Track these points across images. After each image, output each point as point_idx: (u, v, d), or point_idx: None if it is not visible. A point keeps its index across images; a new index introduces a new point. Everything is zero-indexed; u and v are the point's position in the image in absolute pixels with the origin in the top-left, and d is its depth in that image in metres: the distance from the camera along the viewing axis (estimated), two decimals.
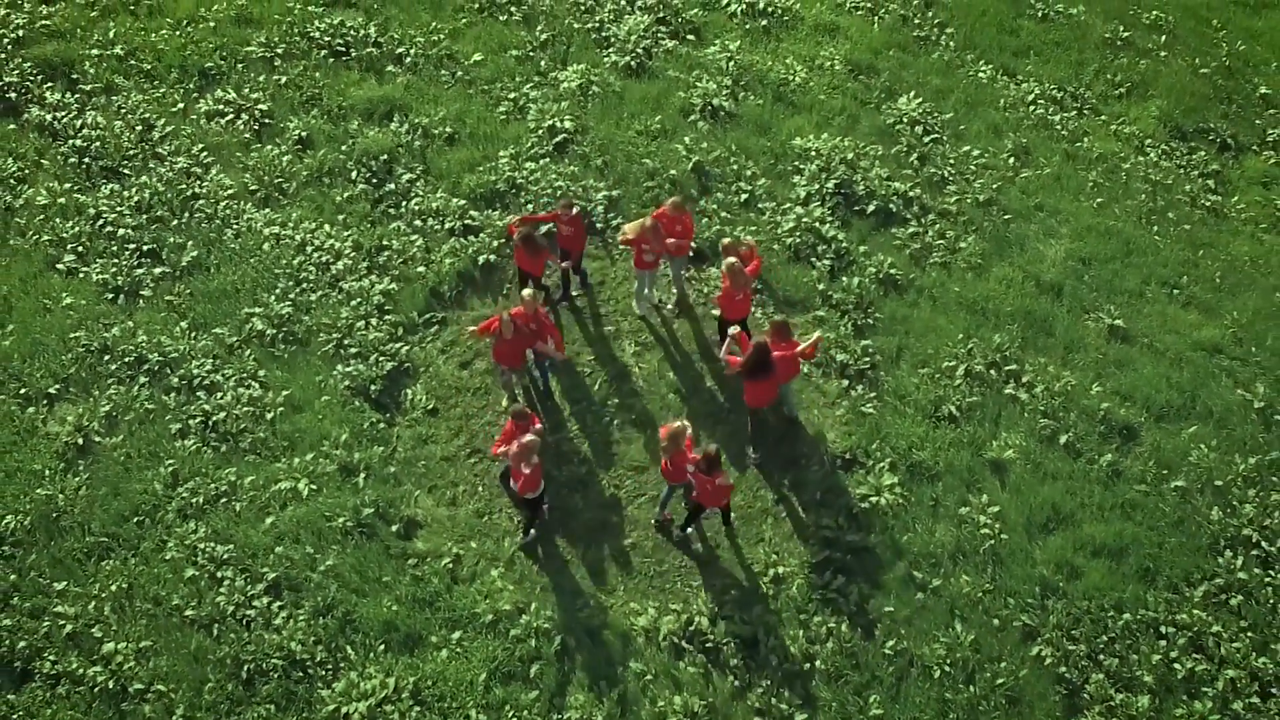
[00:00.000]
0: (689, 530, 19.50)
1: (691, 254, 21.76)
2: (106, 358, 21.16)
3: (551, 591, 19.23)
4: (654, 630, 18.84)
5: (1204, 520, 19.69)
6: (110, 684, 18.22)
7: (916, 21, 25.96)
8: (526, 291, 19.39)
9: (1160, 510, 19.78)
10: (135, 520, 19.59)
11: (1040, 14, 26.25)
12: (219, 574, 19.12)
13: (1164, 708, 18.15)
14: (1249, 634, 18.67)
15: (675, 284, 21.67)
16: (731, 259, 19.90)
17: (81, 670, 18.32)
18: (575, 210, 20.42)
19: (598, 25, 25.61)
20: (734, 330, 19.50)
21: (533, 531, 19.59)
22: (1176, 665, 18.44)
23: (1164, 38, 25.97)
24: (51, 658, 18.42)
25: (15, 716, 17.96)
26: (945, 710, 18.14)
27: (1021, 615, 18.85)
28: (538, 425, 18.80)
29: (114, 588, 18.97)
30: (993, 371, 21.17)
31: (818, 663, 18.52)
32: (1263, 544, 19.44)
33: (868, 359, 21.26)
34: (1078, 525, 19.63)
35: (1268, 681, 18.32)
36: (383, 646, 18.60)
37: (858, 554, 19.45)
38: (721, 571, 19.33)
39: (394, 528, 19.65)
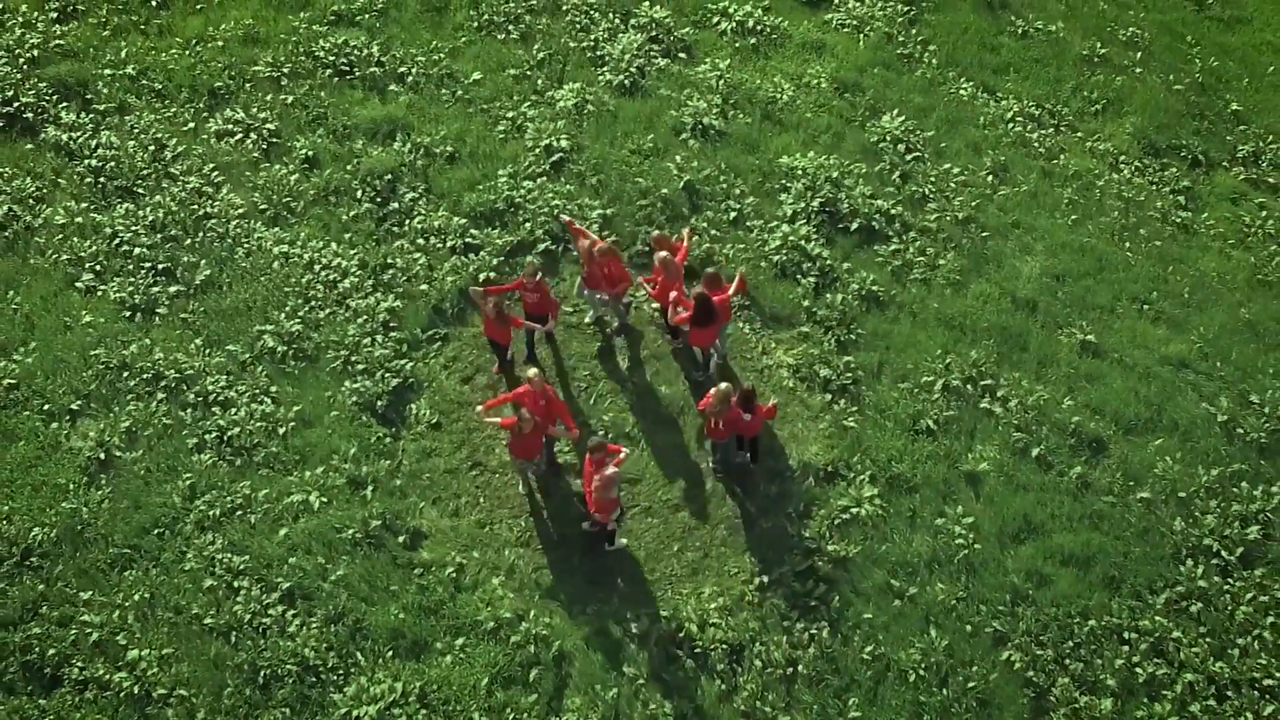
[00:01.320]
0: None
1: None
2: (125, 374, 22.34)
3: (549, 599, 20.48)
4: (646, 635, 20.10)
5: (1167, 530, 20.95)
6: (135, 689, 19.48)
7: (900, 39, 27.04)
8: (532, 371, 20.11)
9: (1126, 521, 21.03)
10: (156, 532, 20.82)
11: (1020, 31, 27.33)
12: (236, 584, 20.37)
13: (1125, 710, 19.45)
14: (1207, 639, 19.95)
15: (602, 308, 22.58)
16: (663, 253, 21.13)
17: (108, 676, 19.58)
18: (539, 276, 21.28)
19: (593, 44, 26.67)
20: (673, 295, 21.16)
21: (621, 541, 20.75)
22: (1138, 669, 19.72)
23: (1139, 54, 27.05)
24: (79, 664, 19.67)
25: (46, 719, 19.26)
26: (920, 712, 19.44)
27: (993, 622, 20.12)
28: (622, 454, 19.93)
29: (137, 597, 20.21)
30: (969, 386, 22.38)
31: (800, 667, 19.78)
32: (1222, 553, 20.69)
33: (850, 374, 22.47)
34: (1047, 535, 20.88)
35: (1224, 685, 19.60)
36: (391, 653, 19.86)
37: (839, 563, 20.70)
38: (709, 580, 20.59)
39: (400, 538, 20.89)
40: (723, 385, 20.14)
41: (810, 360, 22.62)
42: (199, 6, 27.21)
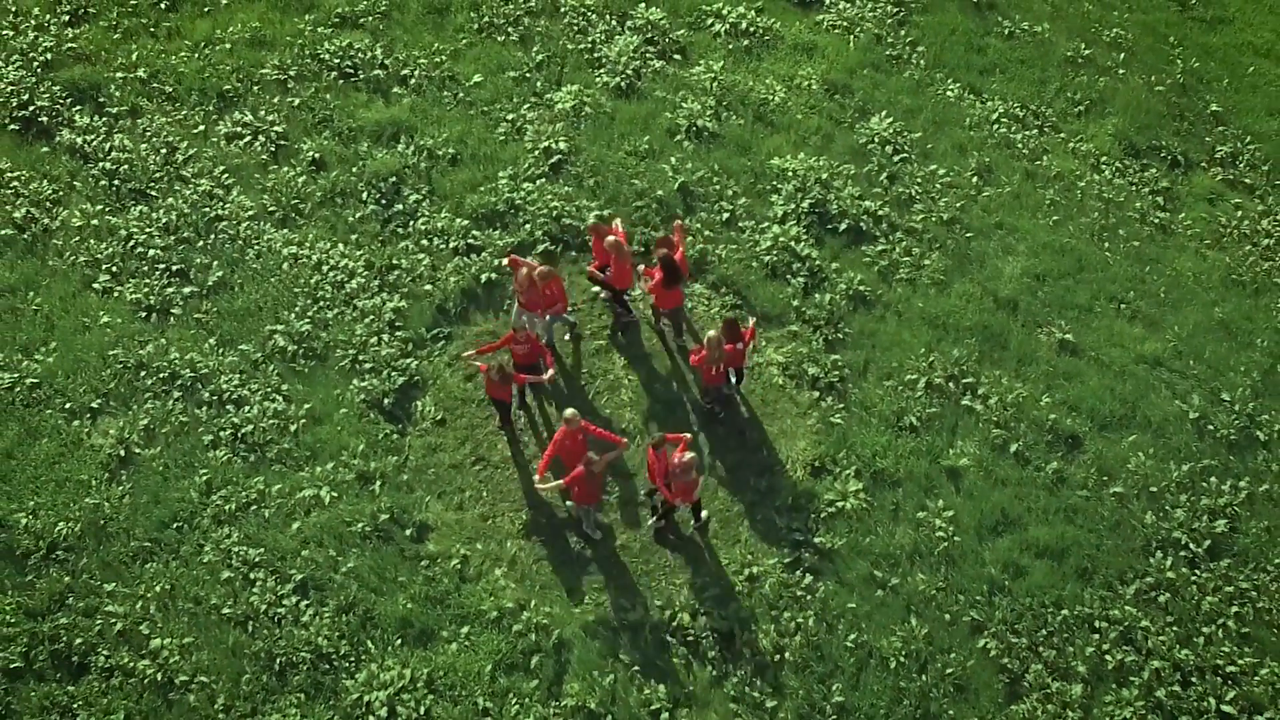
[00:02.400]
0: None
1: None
2: (143, 373, 23.96)
3: (549, 589, 22.16)
4: (641, 625, 21.78)
5: (1139, 524, 22.60)
6: (158, 676, 21.16)
7: (890, 40, 28.53)
8: (569, 411, 21.47)
9: (1099, 514, 22.68)
10: (175, 526, 22.49)
11: (1007, 31, 28.80)
12: (252, 575, 22.05)
13: (1095, 695, 21.14)
14: (1174, 628, 21.63)
15: (545, 331, 24.09)
16: (611, 238, 22.97)
17: (132, 664, 21.28)
18: (525, 331, 22.68)
19: (590, 46, 28.16)
20: (642, 267, 23.58)
21: (704, 513, 22.61)
22: (1108, 656, 21.40)
23: (1122, 55, 28.53)
24: (105, 652, 21.36)
25: (75, 705, 20.93)
26: (900, 697, 21.14)
27: (970, 611, 21.80)
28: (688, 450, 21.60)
29: (158, 588, 21.89)
30: (951, 384, 23.99)
31: (787, 654, 21.47)
32: (1190, 546, 22.34)
33: (837, 372, 24.07)
34: (1024, 528, 22.54)
35: (1189, 672, 21.28)
36: (399, 641, 21.55)
37: (825, 555, 22.36)
38: (701, 571, 22.26)
39: (407, 531, 22.56)
40: (710, 333, 22.11)
41: (799, 358, 24.21)
42: (206, 9, 28.66)
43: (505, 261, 24.12)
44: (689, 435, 22.02)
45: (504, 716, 20.85)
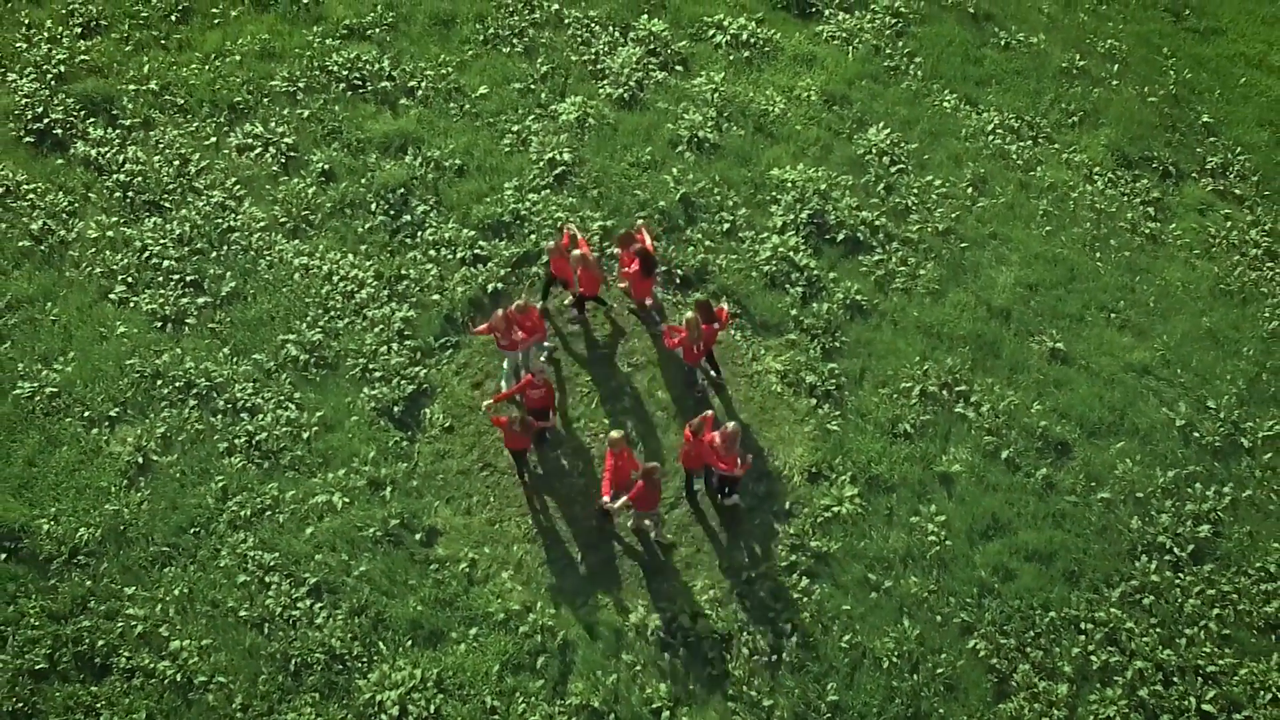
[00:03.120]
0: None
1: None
2: (159, 382, 25.40)
3: (555, 592, 23.60)
4: (643, 626, 23.23)
5: (1125, 528, 24.01)
6: (178, 676, 22.62)
7: (888, 51, 29.89)
8: (615, 434, 22.77)
9: (1087, 519, 24.09)
10: (192, 531, 23.94)
11: (1003, 42, 30.16)
12: (267, 579, 23.50)
13: (1080, 694, 22.57)
14: (1157, 630, 23.06)
15: (527, 362, 25.45)
16: (577, 251, 24.55)
17: (152, 664, 22.74)
18: (543, 375, 24.04)
19: (593, 57, 29.54)
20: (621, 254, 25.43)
21: (735, 497, 24.17)
22: (1093, 657, 22.83)
23: (1116, 66, 29.89)
24: (126, 654, 22.82)
25: (99, 705, 22.38)
26: (892, 696, 22.57)
27: (961, 613, 23.22)
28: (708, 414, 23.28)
29: (176, 592, 23.35)
30: (945, 391, 25.39)
31: (784, 654, 22.91)
32: (1175, 550, 23.75)
33: (834, 380, 25.48)
34: (1013, 532, 23.96)
35: (1171, 672, 22.71)
36: (410, 642, 23.01)
37: (820, 558, 23.79)
38: (702, 574, 23.69)
39: (417, 536, 23.99)
40: (688, 314, 23.83)
41: (797, 366, 25.62)
42: (216, 21, 30.06)
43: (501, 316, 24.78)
44: (711, 411, 23.52)
45: (511, 715, 22.28)
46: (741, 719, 22.37)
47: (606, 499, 22.73)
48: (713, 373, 25.31)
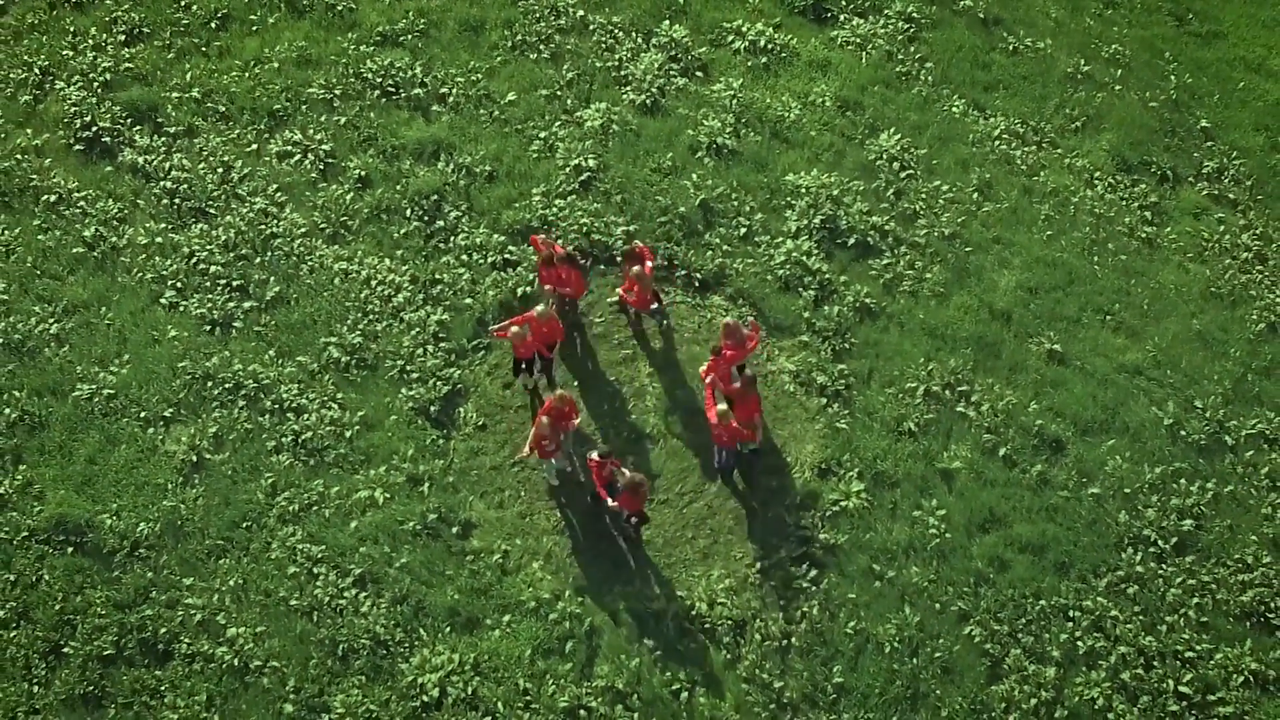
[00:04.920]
0: None
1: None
2: (209, 384, 28.95)
3: (582, 581, 27.19)
4: (663, 613, 26.83)
5: (1113, 522, 27.48)
6: (235, 661, 26.26)
7: (900, 57, 33.15)
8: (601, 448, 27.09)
9: (1078, 513, 27.57)
10: (244, 525, 27.56)
11: (1011, 47, 33.39)
12: (315, 570, 27.11)
13: (1067, 677, 26.10)
14: (1140, 617, 26.56)
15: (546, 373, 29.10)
16: (637, 268, 28.25)
17: (211, 650, 26.37)
18: (564, 394, 27.47)
19: (617, 63, 32.86)
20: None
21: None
22: (1080, 642, 26.34)
23: (1120, 71, 33.10)
24: (187, 640, 26.48)
25: (163, 688, 26.05)
26: (893, 678, 26.15)
27: (958, 601, 26.76)
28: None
29: (232, 582, 26.99)
30: (947, 391, 28.83)
31: (793, 640, 26.48)
32: (1159, 542, 27.22)
33: (843, 380, 28.93)
34: (1009, 526, 27.45)
35: (1152, 656, 26.22)
36: (448, 628, 26.61)
37: (829, 550, 27.31)
38: (718, 564, 27.27)
39: (454, 529, 27.57)
40: (635, 269, 28.09)
41: (809, 367, 29.08)
42: (255, 28, 33.42)
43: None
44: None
45: (542, 696, 25.92)
46: (754, 700, 25.94)
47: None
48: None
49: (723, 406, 26.70)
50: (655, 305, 29.09)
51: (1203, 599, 26.79)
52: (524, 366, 28.18)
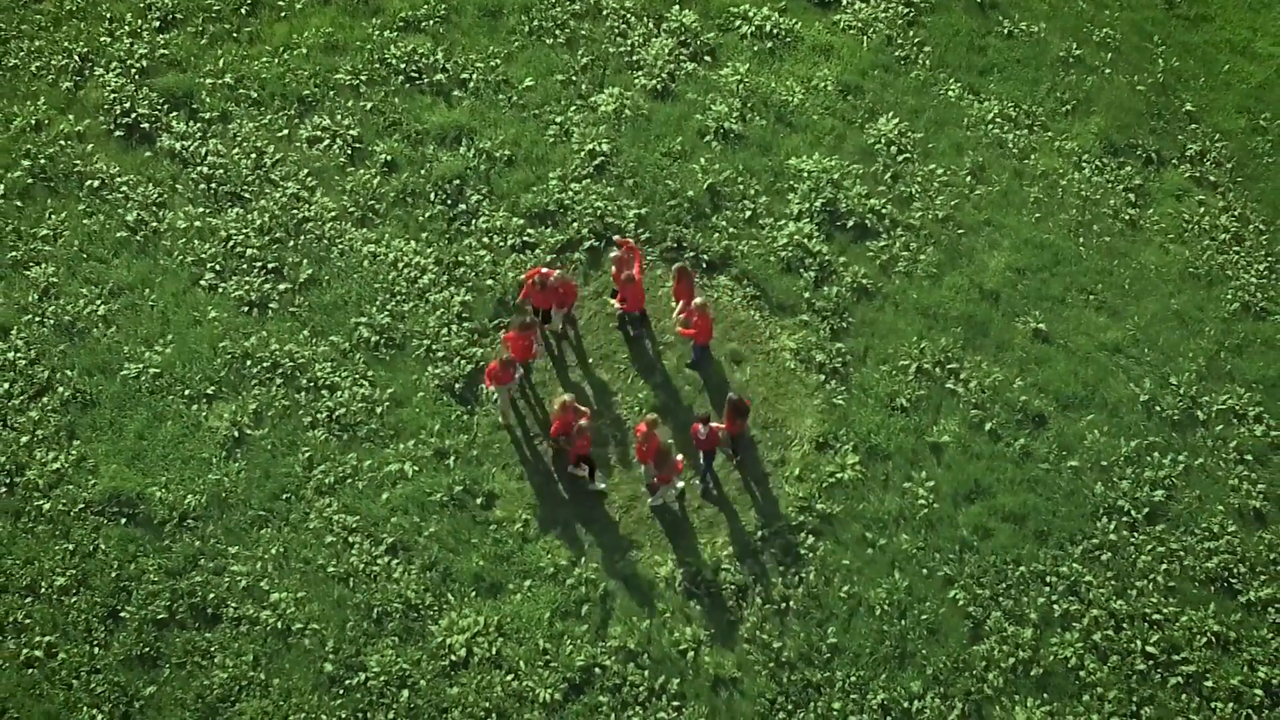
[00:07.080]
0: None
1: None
2: (249, 362, 32.39)
3: (596, 549, 30.73)
4: (671, 578, 30.35)
5: (1090, 493, 30.92)
6: (278, 624, 29.80)
7: (899, 41, 36.23)
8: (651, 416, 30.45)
9: (1057, 485, 31.01)
10: (284, 497, 31.09)
11: (1007, 31, 36.44)
12: (350, 539, 30.65)
13: (1043, 638, 29.66)
14: (1112, 582, 30.06)
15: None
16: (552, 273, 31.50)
17: (256, 614, 29.93)
18: (575, 404, 30.68)
19: (629, 49, 36.00)
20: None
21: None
22: (1055, 606, 29.85)
23: (1110, 55, 36.14)
24: (233, 604, 30.06)
25: (212, 649, 29.68)
26: (883, 639, 29.71)
27: (944, 567, 30.26)
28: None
29: (273, 551, 30.54)
30: (938, 369, 32.20)
31: (791, 603, 30.01)
32: (1132, 512, 30.66)
33: (841, 358, 32.32)
34: (993, 496, 30.91)
35: (1122, 619, 29.75)
36: (474, 593, 30.15)
37: (825, 519, 30.81)
38: (722, 532, 30.80)
39: (478, 500, 31.06)
40: (613, 252, 31.64)
41: (809, 345, 32.44)
42: (283, 14, 36.59)
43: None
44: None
45: (560, 655, 29.50)
46: (755, 659, 29.52)
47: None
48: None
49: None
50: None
51: (1171, 565, 30.24)
52: (542, 316, 31.80)
